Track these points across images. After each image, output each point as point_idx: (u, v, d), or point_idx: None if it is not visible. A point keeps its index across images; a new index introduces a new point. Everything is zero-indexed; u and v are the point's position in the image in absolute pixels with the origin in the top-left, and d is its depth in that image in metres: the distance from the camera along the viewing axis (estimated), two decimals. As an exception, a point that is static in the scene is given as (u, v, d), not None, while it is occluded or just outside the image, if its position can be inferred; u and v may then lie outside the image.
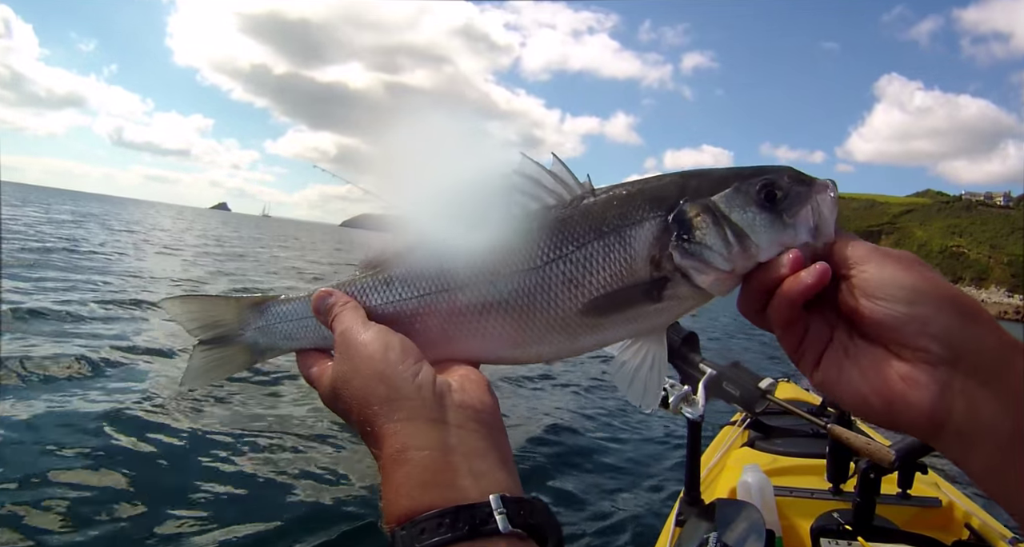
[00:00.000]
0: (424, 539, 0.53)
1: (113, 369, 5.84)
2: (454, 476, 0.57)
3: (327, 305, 0.71)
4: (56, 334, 6.72)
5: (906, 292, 0.55)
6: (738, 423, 2.65)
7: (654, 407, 0.68)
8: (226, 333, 0.79)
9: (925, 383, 0.53)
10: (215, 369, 0.79)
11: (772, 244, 0.60)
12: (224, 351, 0.79)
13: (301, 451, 4.54)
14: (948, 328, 0.53)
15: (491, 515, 0.54)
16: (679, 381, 1.71)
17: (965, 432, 0.52)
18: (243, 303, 0.79)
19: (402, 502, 0.56)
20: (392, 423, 0.60)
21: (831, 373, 0.59)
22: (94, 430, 4.33)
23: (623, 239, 0.65)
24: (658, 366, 0.68)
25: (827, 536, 1.74)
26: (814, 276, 0.57)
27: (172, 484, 3.79)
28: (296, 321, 0.76)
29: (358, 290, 0.73)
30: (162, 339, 7.12)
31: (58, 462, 3.83)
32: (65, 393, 5.01)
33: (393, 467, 0.58)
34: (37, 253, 13.66)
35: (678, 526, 1.89)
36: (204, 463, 4.09)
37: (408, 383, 0.62)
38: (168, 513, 3.41)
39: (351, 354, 0.65)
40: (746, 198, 0.62)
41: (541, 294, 0.66)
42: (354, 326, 0.67)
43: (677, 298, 0.65)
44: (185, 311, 0.79)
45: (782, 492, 1.89)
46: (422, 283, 0.70)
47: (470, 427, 0.61)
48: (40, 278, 10.22)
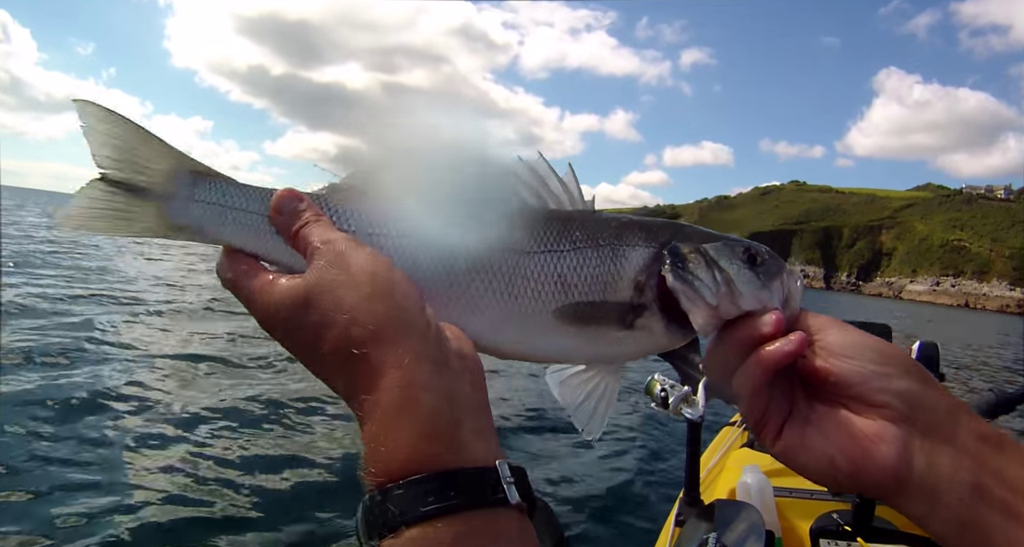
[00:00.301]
0: (431, 502, 0.46)
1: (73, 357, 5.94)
2: (460, 431, 0.50)
3: (295, 209, 0.61)
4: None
5: (872, 352, 0.58)
6: (738, 424, 2.65)
7: (597, 436, 0.68)
8: (145, 184, 0.63)
9: (889, 439, 0.56)
10: (108, 219, 0.62)
11: (752, 297, 0.63)
12: (132, 204, 0.63)
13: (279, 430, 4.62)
14: (909, 387, 0.57)
15: (499, 483, 0.49)
16: (679, 382, 1.71)
17: (927, 488, 0.55)
18: (186, 162, 0.65)
19: (403, 452, 0.48)
20: (397, 351, 0.51)
21: (794, 440, 0.60)
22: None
23: (616, 255, 0.67)
24: (608, 400, 0.69)
25: (827, 537, 1.74)
26: (794, 344, 0.59)
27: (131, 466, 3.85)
28: (243, 211, 0.64)
29: (331, 209, 0.64)
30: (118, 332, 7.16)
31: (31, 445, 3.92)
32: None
33: (396, 407, 0.49)
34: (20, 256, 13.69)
35: (677, 526, 1.89)
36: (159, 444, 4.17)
37: (418, 313, 0.54)
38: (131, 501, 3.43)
39: (347, 265, 0.55)
40: (732, 253, 0.66)
41: (526, 279, 0.65)
42: (342, 239, 0.58)
43: (647, 330, 0.66)
44: (105, 129, 0.62)
45: (782, 493, 1.89)
46: (407, 224, 0.64)
47: (468, 379, 0.54)
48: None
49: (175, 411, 4.89)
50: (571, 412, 0.69)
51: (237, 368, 6.37)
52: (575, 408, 0.68)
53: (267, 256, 0.63)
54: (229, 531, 3.31)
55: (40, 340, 6.28)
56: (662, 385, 1.70)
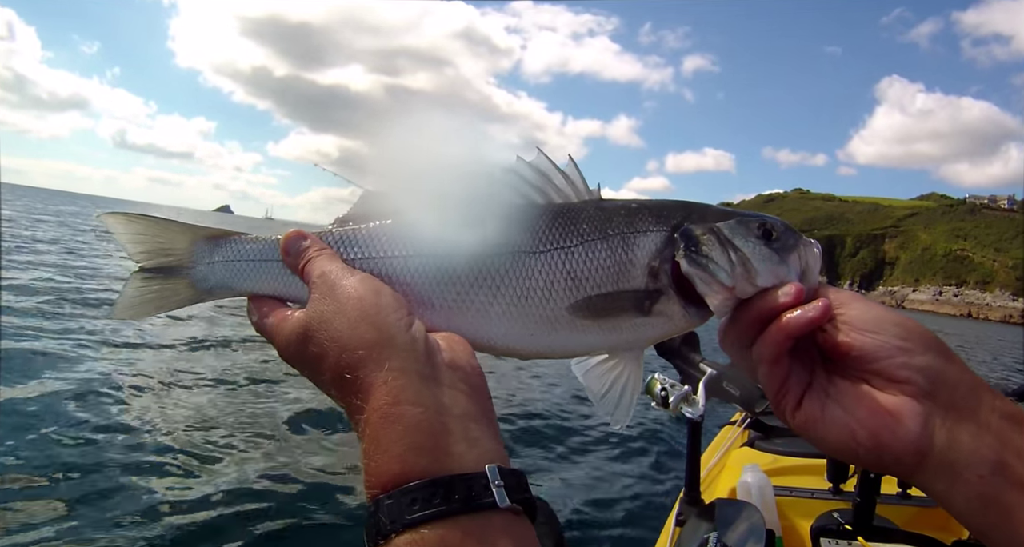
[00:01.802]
0: (416, 510, 0.48)
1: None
2: (449, 440, 0.52)
3: (300, 248, 0.65)
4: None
5: (895, 327, 0.58)
6: (738, 423, 2.64)
7: (624, 424, 0.68)
8: (174, 263, 0.70)
9: (911, 414, 0.55)
10: (152, 302, 0.69)
11: (769, 274, 0.62)
12: (167, 283, 0.70)
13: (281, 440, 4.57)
14: (931, 363, 0.56)
15: (488, 487, 0.50)
16: (679, 381, 1.71)
17: (948, 464, 0.54)
18: (200, 233, 0.71)
19: (391, 466, 0.51)
20: (383, 372, 0.54)
21: (814, 412, 0.60)
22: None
23: (627, 244, 0.66)
24: (632, 385, 0.68)
25: (827, 536, 1.74)
26: (819, 310, 0.58)
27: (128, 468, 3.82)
28: (258, 262, 0.68)
29: (336, 240, 0.67)
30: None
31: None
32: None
33: (383, 423, 0.52)
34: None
35: (678, 526, 1.89)
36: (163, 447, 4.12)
37: (402, 331, 0.57)
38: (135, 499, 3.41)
39: (336, 295, 0.59)
40: (747, 230, 0.65)
41: (536, 280, 0.65)
42: (336, 269, 0.62)
43: (665, 315, 0.66)
44: (131, 231, 0.69)
45: (782, 492, 1.89)
46: (411, 244, 0.66)
47: (461, 389, 0.56)
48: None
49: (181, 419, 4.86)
50: (596, 403, 0.68)
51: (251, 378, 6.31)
52: (600, 399, 0.68)
53: (288, 296, 0.68)
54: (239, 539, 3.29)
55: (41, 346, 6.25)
56: (662, 384, 1.70)
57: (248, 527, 3.36)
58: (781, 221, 0.66)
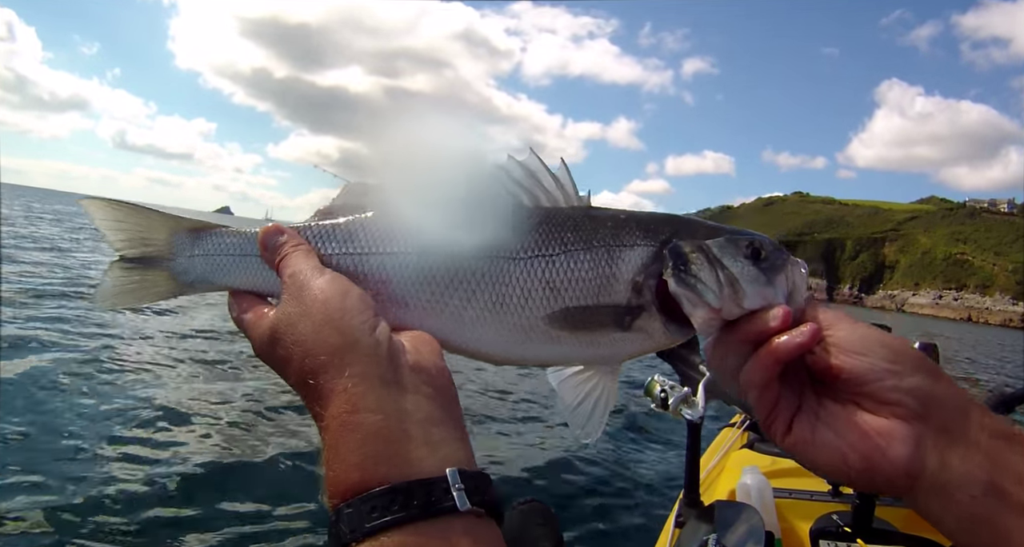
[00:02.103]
0: (374, 518, 0.48)
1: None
2: (409, 446, 0.52)
3: (276, 243, 0.64)
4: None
5: (883, 349, 0.57)
6: (737, 425, 2.64)
7: (595, 439, 0.67)
8: (154, 254, 0.69)
9: (902, 437, 0.55)
10: (132, 292, 0.69)
11: (757, 296, 0.61)
12: (147, 274, 0.69)
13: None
14: (920, 384, 0.56)
15: (448, 491, 0.50)
16: (678, 383, 1.71)
17: (940, 485, 0.54)
18: (181, 224, 0.70)
19: (350, 475, 0.51)
20: (342, 379, 0.54)
21: (804, 435, 0.59)
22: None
23: (612, 257, 0.65)
24: (605, 401, 0.67)
25: (826, 538, 1.73)
26: (806, 336, 0.57)
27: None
28: (237, 256, 0.68)
29: (314, 235, 0.67)
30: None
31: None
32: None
33: (341, 431, 0.52)
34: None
35: (677, 528, 1.89)
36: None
37: (365, 335, 0.56)
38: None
39: (302, 296, 0.59)
40: (736, 249, 0.63)
41: (513, 287, 0.64)
42: (307, 268, 0.61)
43: (645, 332, 0.65)
44: (111, 217, 0.69)
45: (781, 494, 1.89)
46: (389, 241, 0.65)
47: (424, 392, 0.56)
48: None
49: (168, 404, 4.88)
50: (567, 415, 0.67)
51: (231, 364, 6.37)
52: (571, 412, 0.67)
53: (268, 291, 0.67)
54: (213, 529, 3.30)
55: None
56: (662, 386, 1.70)
57: (218, 520, 3.39)
58: (769, 240, 0.65)
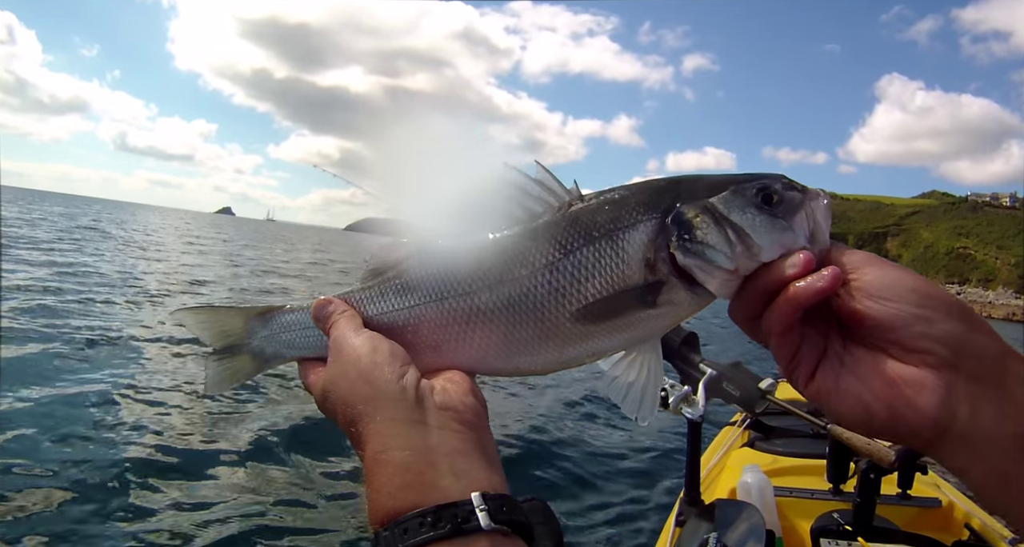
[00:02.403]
0: (407, 539, 0.54)
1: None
2: (436, 476, 0.58)
3: (326, 314, 0.73)
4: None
5: (913, 293, 0.54)
6: (738, 423, 2.64)
7: (650, 419, 0.67)
8: (235, 342, 0.81)
9: (931, 386, 0.52)
10: (229, 377, 0.82)
11: (773, 245, 0.58)
12: (234, 359, 0.82)
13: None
14: (953, 331, 0.52)
15: (473, 512, 0.55)
16: (679, 381, 1.71)
17: (969, 438, 0.51)
18: (249, 313, 0.81)
19: (384, 502, 0.57)
20: (375, 424, 0.61)
21: (827, 383, 0.57)
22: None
23: (615, 243, 0.63)
24: (654, 377, 0.67)
25: (827, 536, 1.74)
26: (827, 280, 0.55)
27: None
28: (299, 330, 0.78)
29: (357, 300, 0.74)
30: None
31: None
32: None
33: (375, 468, 0.59)
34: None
35: (678, 526, 1.89)
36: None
37: (392, 384, 0.63)
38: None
39: (341, 358, 0.67)
40: (744, 200, 0.60)
41: (529, 304, 0.65)
42: (347, 332, 0.69)
43: (672, 303, 0.63)
44: (197, 322, 0.82)
45: (782, 492, 1.89)
46: (413, 295, 0.71)
47: (451, 428, 0.62)
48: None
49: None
50: (620, 404, 0.67)
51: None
52: (623, 399, 0.67)
53: (327, 356, 0.73)
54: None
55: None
56: (662, 385, 1.70)
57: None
58: (781, 178, 0.61)
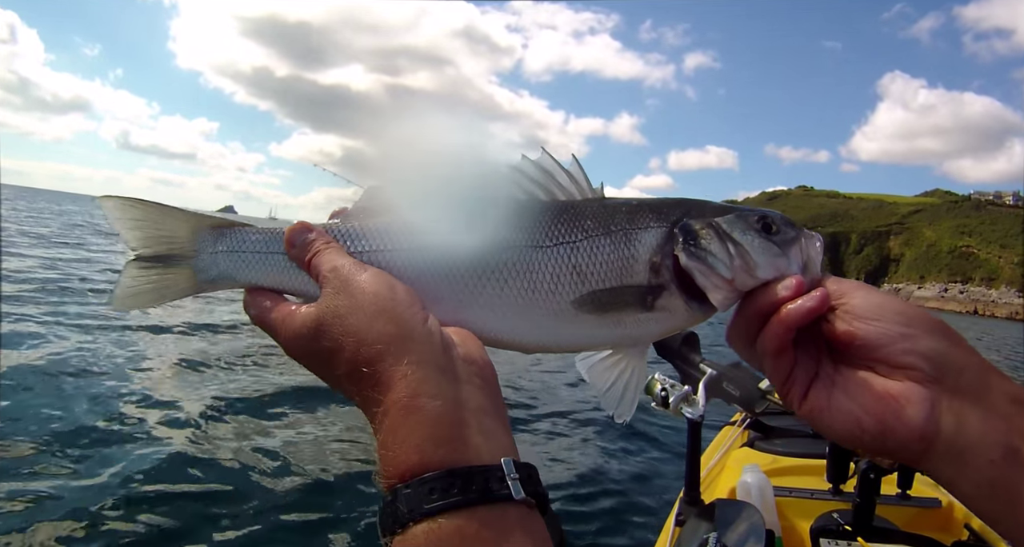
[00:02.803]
0: (434, 500, 0.49)
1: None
2: (466, 433, 0.53)
3: (306, 240, 0.65)
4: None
5: (898, 315, 0.58)
6: (738, 423, 2.64)
7: (627, 419, 0.69)
8: (175, 251, 0.69)
9: (917, 400, 0.55)
10: (152, 292, 0.68)
11: (769, 266, 0.63)
12: (167, 273, 0.69)
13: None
14: (936, 347, 0.56)
15: (503, 480, 0.51)
16: (679, 381, 1.71)
17: (956, 449, 0.54)
18: (201, 221, 0.70)
19: (409, 456, 0.52)
20: (402, 365, 0.55)
21: (820, 401, 0.60)
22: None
23: (629, 239, 0.67)
24: (636, 379, 0.69)
25: (827, 536, 1.74)
26: (816, 300, 0.59)
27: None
28: (262, 253, 0.68)
29: (342, 234, 0.67)
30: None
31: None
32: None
33: (402, 415, 0.53)
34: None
35: (678, 526, 1.89)
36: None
37: (420, 326, 0.58)
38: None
39: (351, 290, 0.59)
40: (746, 224, 0.66)
41: (542, 274, 0.66)
42: (348, 263, 0.62)
43: (667, 310, 0.67)
44: (129, 216, 0.67)
45: (782, 492, 1.89)
46: (419, 237, 0.67)
47: (476, 383, 0.58)
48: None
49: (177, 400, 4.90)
50: (600, 397, 0.69)
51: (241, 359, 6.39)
52: (604, 393, 0.69)
53: (290, 289, 0.68)
54: (244, 525, 3.31)
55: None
56: (662, 384, 1.70)
57: (234, 516, 3.39)
58: (781, 215, 0.67)
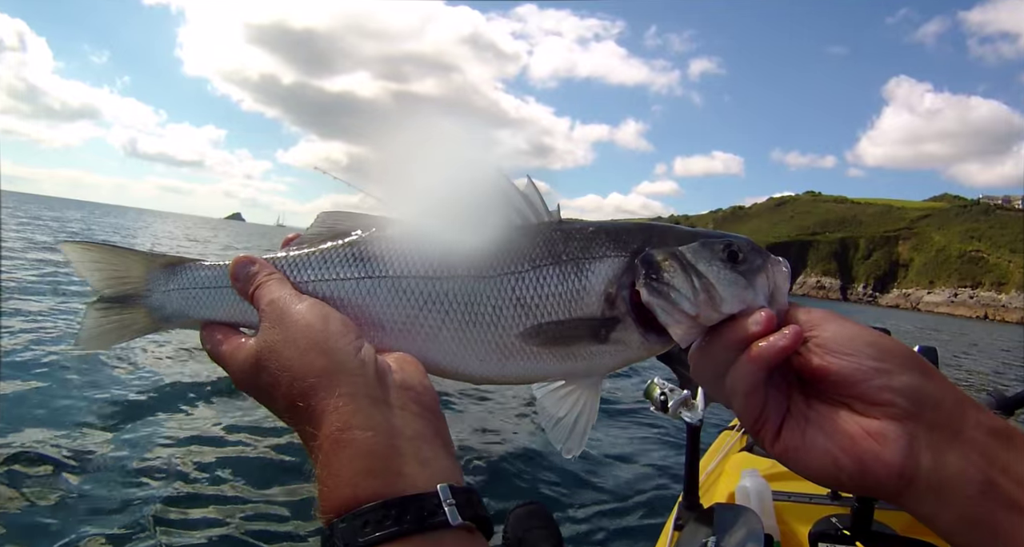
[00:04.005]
0: (368, 533, 0.49)
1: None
2: (400, 462, 0.53)
3: (248, 273, 0.65)
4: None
5: (871, 347, 0.56)
6: (737, 428, 2.64)
7: (576, 454, 0.67)
8: (130, 292, 0.70)
9: (894, 437, 0.53)
10: (112, 332, 0.70)
11: (735, 299, 0.60)
12: (124, 313, 0.70)
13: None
14: (911, 383, 0.54)
15: (439, 506, 0.51)
16: (678, 385, 1.71)
17: (934, 485, 0.52)
18: (155, 261, 0.71)
19: (343, 490, 0.51)
20: (333, 398, 0.55)
21: (794, 440, 0.58)
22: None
23: (580, 270, 0.64)
24: (588, 413, 0.67)
25: (825, 541, 1.73)
26: (789, 338, 0.56)
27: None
28: (211, 288, 0.68)
29: (288, 263, 0.67)
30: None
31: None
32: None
33: (333, 449, 0.53)
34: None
35: (676, 531, 1.89)
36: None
37: (351, 357, 0.57)
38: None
39: (285, 323, 0.59)
40: (711, 253, 0.63)
41: (485, 306, 0.64)
42: (285, 295, 0.62)
43: (622, 343, 0.64)
44: (87, 259, 0.70)
45: (780, 497, 1.88)
46: (367, 266, 0.66)
47: (412, 410, 0.57)
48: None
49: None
50: (548, 431, 0.67)
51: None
52: (552, 426, 0.67)
53: (243, 322, 0.68)
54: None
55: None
56: (661, 389, 1.71)
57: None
58: (747, 240, 0.64)
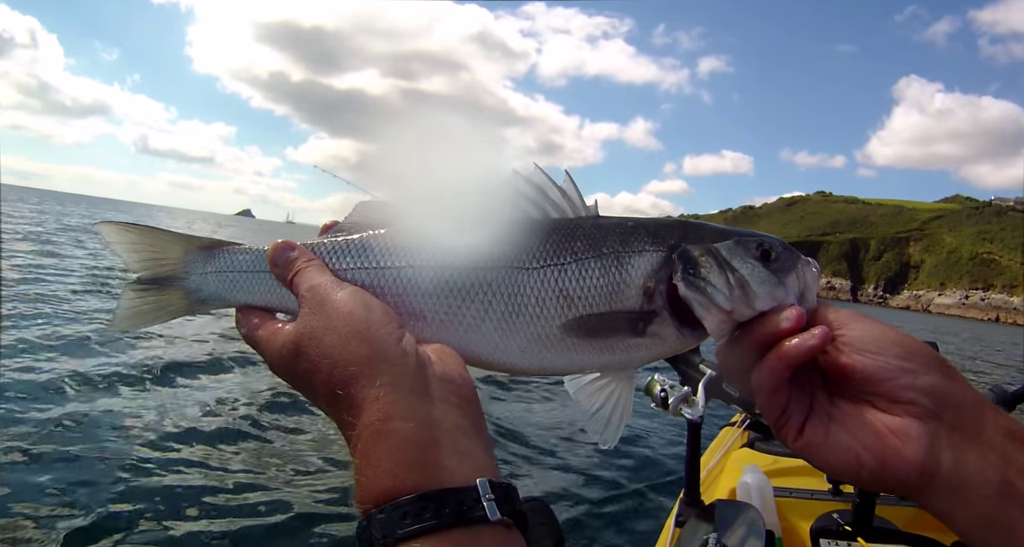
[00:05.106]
0: (407, 524, 0.49)
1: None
2: (440, 454, 0.53)
3: (287, 259, 0.65)
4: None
5: (897, 347, 0.57)
6: (738, 424, 2.62)
7: (613, 444, 0.68)
8: (168, 273, 0.71)
9: (916, 435, 0.54)
10: (149, 313, 0.70)
11: (768, 297, 0.61)
12: (161, 294, 0.71)
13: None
14: (935, 383, 0.55)
15: (478, 501, 0.51)
16: (679, 382, 1.71)
17: (954, 484, 0.53)
18: (193, 243, 0.71)
19: (383, 481, 0.51)
20: (374, 388, 0.54)
21: (817, 437, 0.58)
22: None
23: (621, 264, 0.65)
24: (623, 405, 0.68)
25: (827, 537, 1.72)
26: (818, 338, 0.57)
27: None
28: (250, 273, 0.69)
29: (327, 251, 0.68)
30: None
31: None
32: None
33: (374, 439, 0.53)
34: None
35: (678, 527, 1.89)
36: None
37: (392, 346, 0.57)
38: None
39: (326, 310, 0.59)
40: (746, 251, 0.64)
41: (528, 297, 0.65)
42: (326, 282, 0.62)
43: (659, 337, 0.65)
44: (126, 240, 0.70)
45: (782, 493, 1.88)
46: (404, 255, 0.66)
47: (452, 402, 0.57)
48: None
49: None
50: (586, 421, 0.68)
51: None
52: (590, 417, 0.68)
53: (279, 307, 0.68)
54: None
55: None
56: (662, 386, 1.71)
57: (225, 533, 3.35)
58: (779, 240, 0.65)
